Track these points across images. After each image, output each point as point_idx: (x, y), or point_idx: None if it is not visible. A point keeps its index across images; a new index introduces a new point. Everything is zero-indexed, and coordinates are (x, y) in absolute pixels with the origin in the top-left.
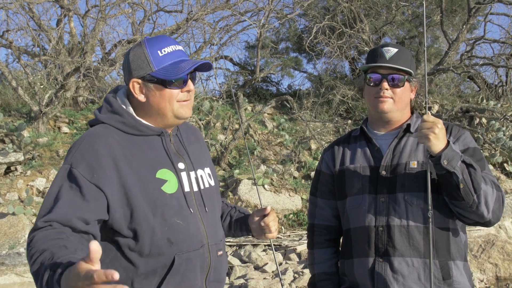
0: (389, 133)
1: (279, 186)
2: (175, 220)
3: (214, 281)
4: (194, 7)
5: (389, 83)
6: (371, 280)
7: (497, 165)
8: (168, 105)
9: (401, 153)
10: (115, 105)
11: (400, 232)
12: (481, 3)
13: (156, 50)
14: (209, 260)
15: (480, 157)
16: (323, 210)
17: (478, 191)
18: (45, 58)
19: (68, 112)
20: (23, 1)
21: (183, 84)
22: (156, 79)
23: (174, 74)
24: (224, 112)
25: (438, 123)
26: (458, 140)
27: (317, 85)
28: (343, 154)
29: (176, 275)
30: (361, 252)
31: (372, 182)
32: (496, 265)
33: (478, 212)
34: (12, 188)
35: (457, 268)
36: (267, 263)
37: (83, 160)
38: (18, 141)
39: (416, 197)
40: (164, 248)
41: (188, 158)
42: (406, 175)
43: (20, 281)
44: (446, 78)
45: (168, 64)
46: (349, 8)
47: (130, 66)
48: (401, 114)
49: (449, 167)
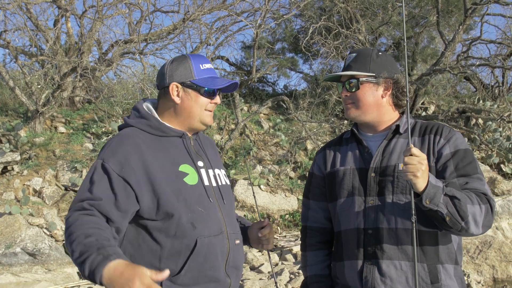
0: (378, 135)
1: (275, 187)
2: (197, 208)
3: (233, 267)
4: (190, 8)
5: (347, 89)
6: (360, 283)
7: (493, 166)
8: (199, 110)
9: (390, 155)
10: (142, 111)
11: (389, 235)
12: (477, 3)
13: (198, 63)
14: (228, 247)
15: (471, 159)
16: (316, 212)
17: (465, 218)
18: (42, 58)
19: (64, 112)
20: (20, 2)
21: (213, 96)
22: (196, 86)
23: (211, 85)
24: (220, 112)
25: (424, 159)
26: (449, 142)
27: (313, 85)
28: (334, 156)
29: (198, 257)
30: (351, 255)
31: (361, 184)
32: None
33: (468, 234)
34: (9, 187)
35: (446, 271)
36: (263, 264)
37: (113, 156)
38: (14, 141)
39: (405, 199)
40: (188, 231)
41: (207, 158)
42: (395, 178)
43: (16, 280)
44: (442, 78)
45: (206, 77)
46: (345, 9)
47: (173, 72)
48: (376, 116)
49: (432, 206)
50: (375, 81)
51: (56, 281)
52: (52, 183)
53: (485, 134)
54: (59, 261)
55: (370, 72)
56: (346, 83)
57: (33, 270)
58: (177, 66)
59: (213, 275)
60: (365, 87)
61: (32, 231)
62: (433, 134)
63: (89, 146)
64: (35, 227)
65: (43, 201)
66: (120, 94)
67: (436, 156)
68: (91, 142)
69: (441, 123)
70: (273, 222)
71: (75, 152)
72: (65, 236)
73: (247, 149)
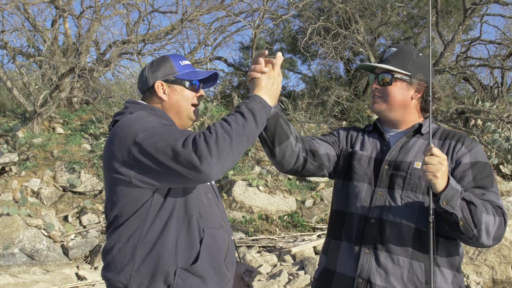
0: (401, 132)
1: (273, 188)
2: (203, 198)
3: (230, 263)
4: (188, 8)
5: (379, 82)
6: (354, 268)
7: (493, 167)
8: (186, 104)
9: (408, 152)
10: (142, 104)
11: (391, 228)
12: (477, 3)
13: (178, 60)
14: (227, 242)
15: (489, 173)
16: (317, 142)
17: (478, 226)
18: (40, 59)
19: (62, 112)
20: (18, 2)
21: (197, 89)
22: (180, 80)
23: (194, 77)
24: (219, 113)
25: (444, 160)
26: (470, 152)
27: (311, 86)
28: (356, 138)
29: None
30: (350, 238)
31: (373, 174)
32: (492, 268)
33: (478, 243)
34: (7, 188)
35: (442, 275)
36: (262, 265)
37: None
38: (12, 142)
39: (414, 197)
40: (196, 219)
41: None
42: (407, 174)
43: (14, 281)
44: (441, 79)
45: (188, 71)
46: (344, 9)
47: (155, 71)
48: (400, 114)
49: (448, 208)
50: (408, 81)
51: (55, 282)
52: (50, 184)
53: (484, 135)
54: (57, 262)
55: (406, 70)
56: (380, 76)
57: (31, 271)
58: (157, 66)
59: (217, 267)
60: (397, 84)
61: (30, 232)
62: (454, 141)
63: (87, 147)
64: (33, 228)
65: (41, 202)
66: (118, 95)
67: (454, 163)
68: (89, 143)
69: (463, 133)
70: (271, 223)
71: (73, 153)
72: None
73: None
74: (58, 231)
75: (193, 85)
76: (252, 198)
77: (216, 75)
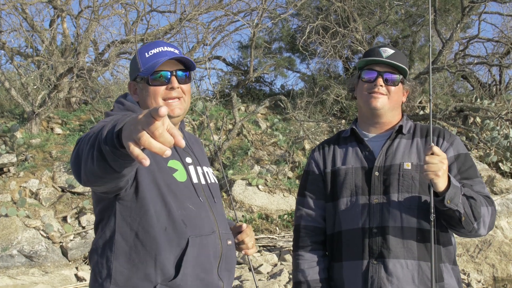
0: (380, 135)
1: (273, 187)
2: (188, 205)
3: (226, 270)
4: (187, 7)
5: (384, 80)
6: (363, 283)
7: (492, 164)
8: (153, 102)
9: (394, 154)
10: (127, 104)
11: (395, 233)
12: (474, 2)
13: (144, 52)
14: (221, 248)
15: (471, 163)
16: (312, 210)
17: (478, 219)
18: (38, 59)
19: (61, 113)
20: (16, 2)
21: (166, 81)
22: (142, 78)
23: (151, 69)
24: (218, 112)
25: (445, 158)
26: (452, 145)
27: (310, 84)
28: (334, 155)
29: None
30: (353, 255)
31: (365, 183)
32: (493, 266)
33: (476, 234)
34: (5, 189)
35: (447, 270)
36: (262, 264)
37: None
38: (11, 142)
39: (411, 198)
40: (179, 228)
41: (194, 155)
42: (400, 176)
43: (13, 283)
44: (439, 77)
45: (151, 63)
46: (342, 8)
47: (130, 70)
48: (392, 115)
49: (452, 206)
50: (407, 85)
51: (53, 283)
52: (49, 184)
53: (483, 133)
54: (56, 263)
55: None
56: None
57: (30, 272)
58: (130, 65)
59: (205, 278)
60: (400, 86)
61: (29, 233)
62: (435, 136)
63: None
64: (32, 229)
65: (39, 203)
66: (116, 95)
67: None
68: None
69: (439, 126)
70: (271, 223)
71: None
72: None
73: (244, 149)
74: (57, 232)
75: (158, 79)
76: (252, 198)
77: (186, 59)
